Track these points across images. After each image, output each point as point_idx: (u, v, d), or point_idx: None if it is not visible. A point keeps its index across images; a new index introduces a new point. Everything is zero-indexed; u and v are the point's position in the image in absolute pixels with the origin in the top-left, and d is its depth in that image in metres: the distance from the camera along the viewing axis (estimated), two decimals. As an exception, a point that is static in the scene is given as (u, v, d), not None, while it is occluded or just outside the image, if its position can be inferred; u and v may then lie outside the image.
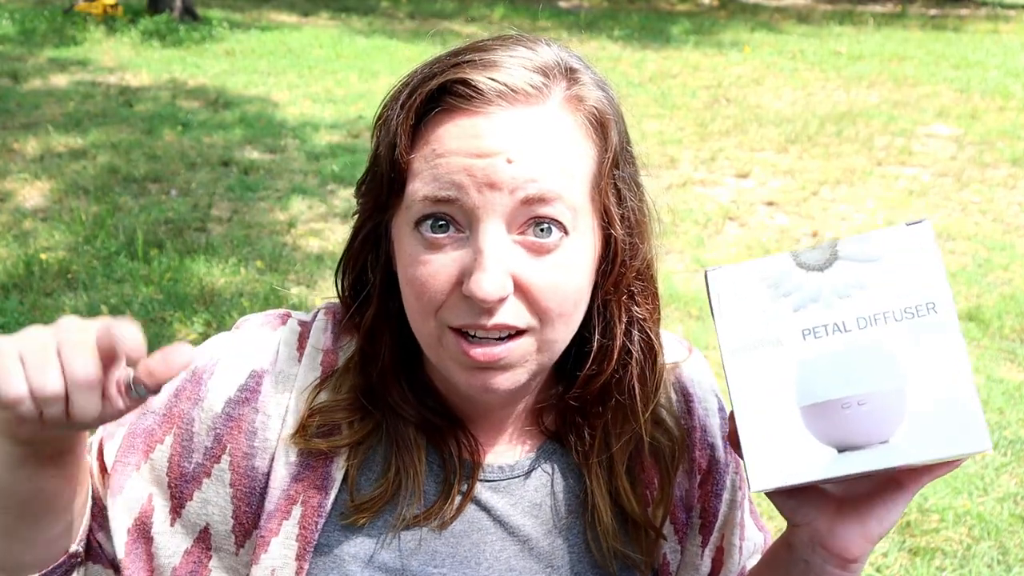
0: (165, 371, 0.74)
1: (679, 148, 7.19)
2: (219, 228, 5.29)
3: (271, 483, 0.92)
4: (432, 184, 0.81)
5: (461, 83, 0.81)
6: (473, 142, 0.80)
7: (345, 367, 0.94)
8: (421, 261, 0.83)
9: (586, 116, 0.86)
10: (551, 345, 0.87)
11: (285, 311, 1.00)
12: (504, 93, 0.81)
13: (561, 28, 12.65)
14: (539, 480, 0.98)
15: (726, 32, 12.71)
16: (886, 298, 0.80)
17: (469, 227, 0.82)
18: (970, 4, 16.73)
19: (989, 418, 3.64)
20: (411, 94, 0.84)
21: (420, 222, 0.83)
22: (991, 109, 8.43)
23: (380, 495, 0.92)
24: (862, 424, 0.78)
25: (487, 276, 0.80)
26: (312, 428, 0.92)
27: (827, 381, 0.80)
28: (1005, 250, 5.33)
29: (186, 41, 10.73)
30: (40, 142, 6.70)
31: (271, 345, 0.96)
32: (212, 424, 0.93)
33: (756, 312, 0.82)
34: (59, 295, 4.31)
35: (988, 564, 2.86)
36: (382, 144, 0.87)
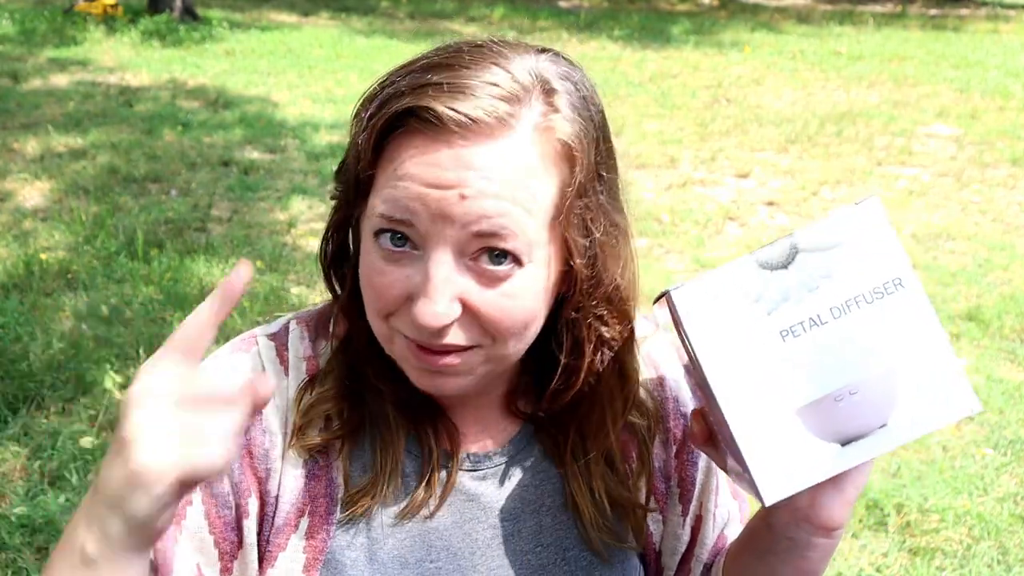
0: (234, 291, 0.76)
1: (679, 148, 7.19)
2: (219, 228, 5.29)
3: (280, 499, 0.92)
4: (389, 204, 0.81)
5: (424, 109, 0.79)
6: (430, 171, 0.79)
7: (328, 366, 0.94)
8: (377, 270, 0.84)
9: (553, 147, 0.83)
10: (503, 358, 0.88)
11: (249, 334, 0.98)
12: (466, 125, 0.78)
13: (561, 28, 12.65)
14: (522, 465, 0.99)
15: (726, 32, 12.71)
16: (853, 283, 0.80)
17: (424, 248, 0.82)
18: (970, 4, 16.72)
19: (989, 418, 3.64)
20: (379, 109, 0.83)
21: (379, 234, 0.83)
22: (991, 109, 8.43)
23: (372, 481, 0.93)
24: (858, 413, 0.79)
25: (430, 306, 0.80)
26: (307, 429, 0.92)
27: (815, 378, 0.79)
28: (1005, 250, 5.33)
29: (186, 41, 10.73)
30: (40, 142, 6.70)
31: (254, 365, 0.95)
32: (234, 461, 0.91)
33: (729, 323, 0.80)
34: (59, 295, 4.31)
35: (988, 564, 2.86)
36: (350, 150, 0.87)
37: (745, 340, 0.80)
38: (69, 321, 4.06)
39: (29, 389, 3.47)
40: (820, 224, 0.81)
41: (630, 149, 7.15)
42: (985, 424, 3.60)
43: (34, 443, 3.18)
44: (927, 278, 4.90)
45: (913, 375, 0.79)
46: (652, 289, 4.56)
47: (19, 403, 3.40)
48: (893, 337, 0.79)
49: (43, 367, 3.61)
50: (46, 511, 2.81)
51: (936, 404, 0.78)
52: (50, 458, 3.09)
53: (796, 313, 0.80)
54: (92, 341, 3.85)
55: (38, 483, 2.98)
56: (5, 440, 3.18)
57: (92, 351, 3.76)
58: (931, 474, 3.26)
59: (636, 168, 6.73)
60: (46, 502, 2.86)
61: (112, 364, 3.67)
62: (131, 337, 3.89)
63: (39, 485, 2.97)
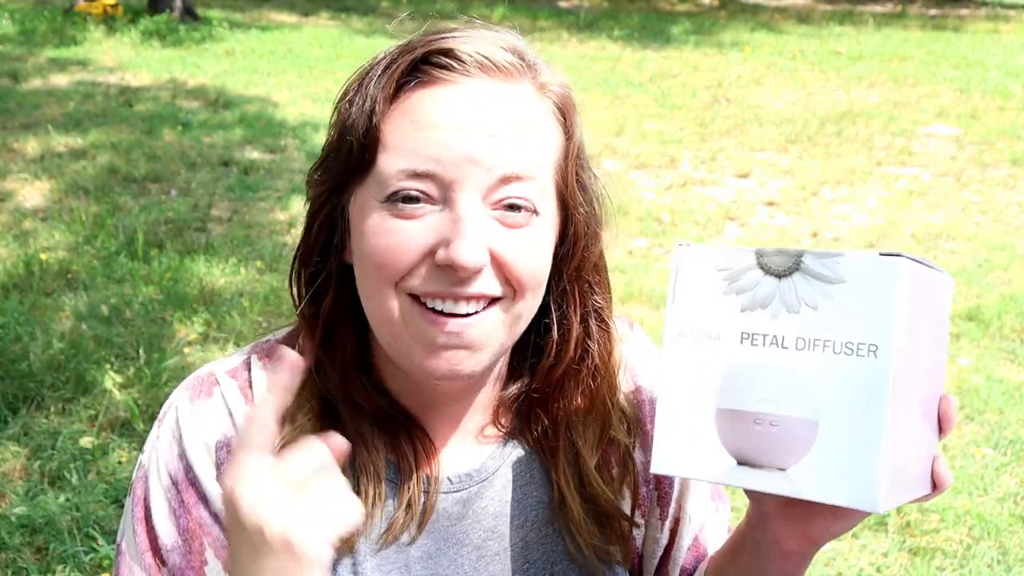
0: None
1: (679, 148, 7.19)
2: (219, 228, 5.29)
3: None
4: (409, 157, 0.81)
5: (443, 53, 0.82)
6: (454, 114, 0.81)
7: (298, 399, 0.90)
8: (388, 229, 0.82)
9: (553, 103, 0.88)
10: (517, 320, 0.88)
11: (207, 372, 0.95)
12: (485, 65, 0.82)
13: (561, 28, 12.65)
14: (503, 481, 0.97)
15: (726, 32, 12.71)
16: (832, 326, 0.76)
17: (443, 200, 0.82)
18: (970, 4, 16.72)
19: (989, 418, 3.64)
20: (390, 64, 0.83)
21: (391, 196, 0.82)
22: (991, 109, 8.43)
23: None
24: (767, 445, 0.77)
25: (468, 243, 0.80)
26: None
27: (749, 390, 0.78)
28: (1005, 250, 5.33)
29: (186, 41, 10.73)
30: (40, 142, 6.70)
31: (220, 411, 0.91)
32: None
33: (706, 301, 0.80)
34: (59, 295, 4.31)
35: (988, 564, 2.86)
36: (353, 115, 0.85)
37: (710, 323, 0.80)
38: (69, 321, 4.06)
39: (29, 389, 3.47)
40: (836, 255, 0.77)
41: (630, 149, 7.15)
42: (985, 424, 3.60)
43: (34, 443, 3.18)
44: (927, 278, 4.90)
45: (836, 442, 0.75)
46: (652, 288, 4.56)
47: (19, 403, 3.40)
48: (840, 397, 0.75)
49: (43, 367, 3.61)
50: (46, 511, 2.81)
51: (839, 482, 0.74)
52: (50, 458, 3.09)
53: (765, 324, 0.78)
54: (92, 341, 3.85)
55: (38, 483, 2.98)
56: (5, 440, 3.18)
57: (92, 351, 3.76)
58: (931, 474, 3.26)
59: (636, 168, 6.73)
60: (46, 502, 2.86)
61: (112, 364, 3.67)
62: (131, 337, 3.89)
63: (39, 485, 2.97)
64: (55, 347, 3.76)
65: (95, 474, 3.02)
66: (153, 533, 0.89)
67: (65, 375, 3.57)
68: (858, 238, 5.49)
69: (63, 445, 3.14)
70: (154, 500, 0.90)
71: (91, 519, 2.79)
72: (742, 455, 0.78)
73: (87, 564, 2.64)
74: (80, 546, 2.69)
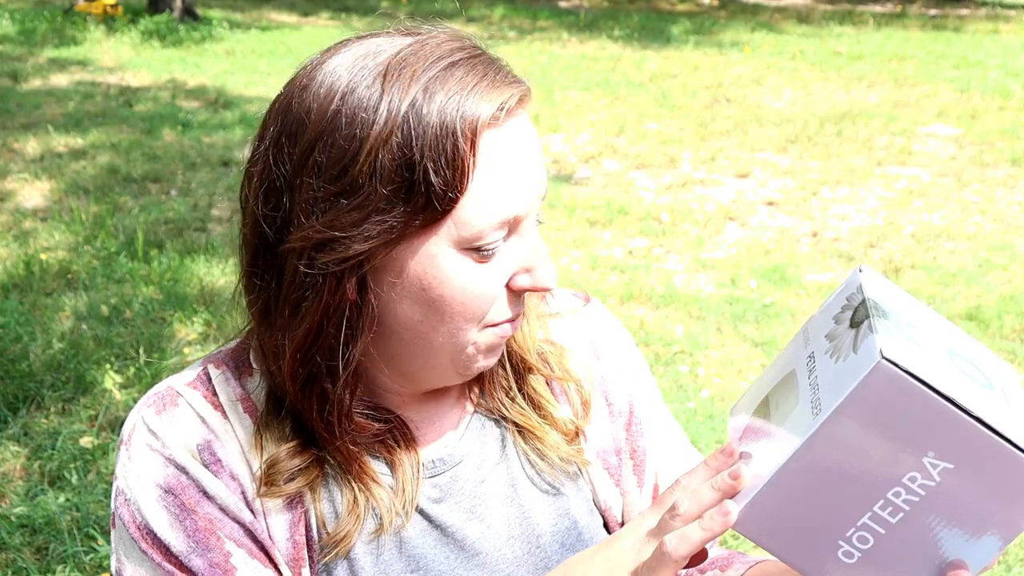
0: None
1: (679, 148, 7.19)
2: (219, 228, 5.29)
3: (275, 536, 0.89)
4: (499, 205, 0.80)
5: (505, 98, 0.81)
6: (525, 152, 0.83)
7: (268, 407, 0.90)
8: (475, 278, 0.82)
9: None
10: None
11: (163, 388, 0.92)
12: (527, 96, 0.84)
13: (561, 28, 12.64)
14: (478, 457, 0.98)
15: (726, 32, 12.71)
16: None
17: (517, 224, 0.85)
18: (970, 4, 16.72)
19: (989, 418, 3.64)
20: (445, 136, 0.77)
21: (481, 246, 0.81)
22: (991, 109, 8.43)
23: (350, 525, 0.90)
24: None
25: (551, 268, 0.86)
26: (276, 477, 0.88)
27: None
28: (1005, 250, 5.33)
29: (186, 41, 10.73)
30: (40, 142, 6.70)
31: (191, 417, 0.89)
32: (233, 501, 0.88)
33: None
34: (59, 295, 4.31)
35: (988, 564, 2.86)
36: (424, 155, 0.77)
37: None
38: (69, 321, 4.06)
39: (29, 389, 3.47)
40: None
41: (630, 149, 7.15)
42: (985, 424, 3.60)
43: (34, 443, 3.18)
44: (927, 278, 4.90)
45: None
46: (652, 288, 4.56)
47: (19, 403, 3.40)
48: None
49: (43, 367, 3.61)
50: (46, 511, 2.81)
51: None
52: (50, 458, 3.09)
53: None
54: (92, 341, 3.85)
55: (38, 483, 2.98)
56: (5, 440, 3.18)
57: (92, 351, 3.76)
58: (931, 474, 3.26)
59: (636, 168, 6.73)
60: (46, 502, 2.86)
61: (112, 364, 3.67)
62: (131, 337, 3.89)
63: (39, 485, 2.97)
64: (55, 347, 3.76)
65: (95, 474, 3.02)
66: (163, 546, 0.86)
67: (65, 375, 3.57)
68: (858, 238, 5.49)
69: (63, 445, 3.14)
70: (149, 515, 0.86)
71: (91, 519, 2.79)
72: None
73: (87, 564, 2.64)
74: (80, 546, 2.69)
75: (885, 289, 0.76)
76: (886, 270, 5.01)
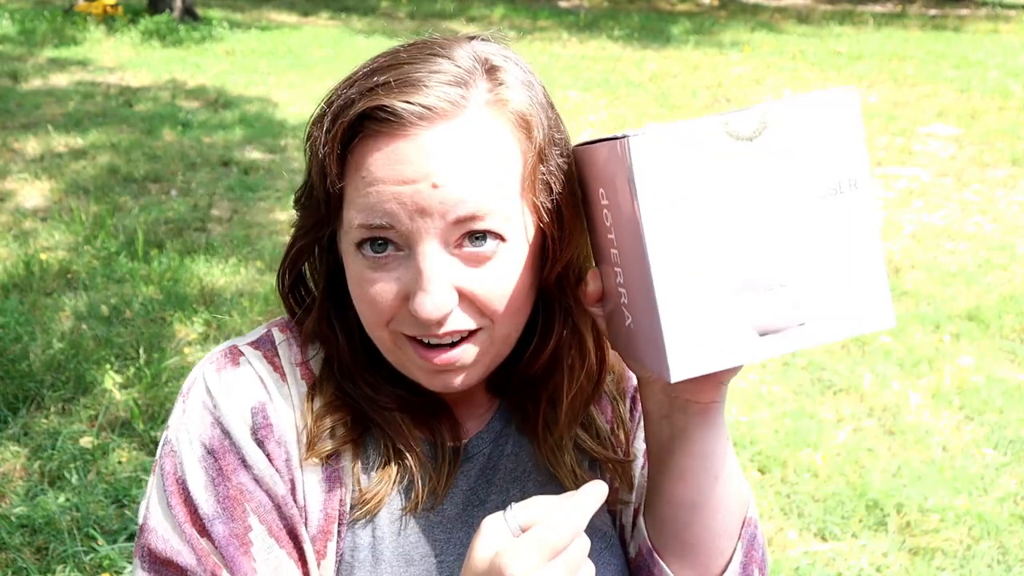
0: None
1: (679, 148, 7.19)
2: (219, 228, 5.29)
3: (308, 508, 0.92)
4: (366, 212, 0.82)
5: (379, 109, 0.81)
6: (398, 168, 0.81)
7: (322, 372, 0.95)
8: (367, 279, 0.85)
9: (509, 118, 0.85)
10: (504, 339, 0.89)
11: (227, 346, 0.96)
12: (422, 114, 0.80)
13: (561, 28, 12.65)
14: (510, 441, 1.01)
15: (726, 32, 12.71)
16: (813, 172, 0.77)
17: (408, 246, 0.83)
18: (970, 4, 16.72)
19: (989, 418, 3.64)
20: (333, 122, 0.84)
21: (360, 245, 0.84)
22: (991, 109, 8.43)
23: (382, 487, 0.93)
24: (783, 306, 0.77)
25: (429, 298, 0.82)
26: (318, 438, 0.92)
27: (753, 261, 0.76)
28: (1005, 250, 5.33)
29: (186, 41, 10.73)
30: (40, 142, 6.70)
31: (250, 378, 0.92)
32: (270, 473, 0.90)
33: (682, 178, 0.75)
34: (59, 295, 4.31)
35: (988, 564, 2.86)
36: (314, 169, 0.87)
37: (695, 206, 0.75)
38: (69, 321, 4.06)
39: (29, 389, 3.47)
40: (792, 103, 0.77)
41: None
42: (985, 424, 3.60)
43: (34, 443, 3.17)
44: (927, 278, 4.90)
45: (843, 279, 0.78)
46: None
47: (19, 403, 3.40)
48: (836, 237, 0.77)
49: (43, 367, 3.61)
50: (46, 511, 2.81)
51: (856, 313, 0.78)
52: (50, 458, 3.09)
53: (751, 190, 0.75)
54: (92, 341, 3.85)
55: (38, 483, 2.98)
56: (5, 440, 3.18)
57: (92, 351, 3.76)
58: (931, 474, 3.25)
59: (636, 168, 6.73)
60: (46, 502, 2.86)
61: (112, 364, 3.67)
62: (131, 337, 3.89)
63: (39, 485, 2.97)
64: (55, 347, 3.76)
65: (95, 474, 3.02)
66: (191, 504, 0.88)
67: (65, 375, 3.57)
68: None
69: (63, 445, 3.14)
70: (189, 471, 0.89)
71: (91, 519, 2.79)
72: (762, 326, 0.77)
73: (87, 564, 2.64)
74: (80, 546, 2.69)
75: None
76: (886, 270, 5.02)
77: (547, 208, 0.87)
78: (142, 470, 3.03)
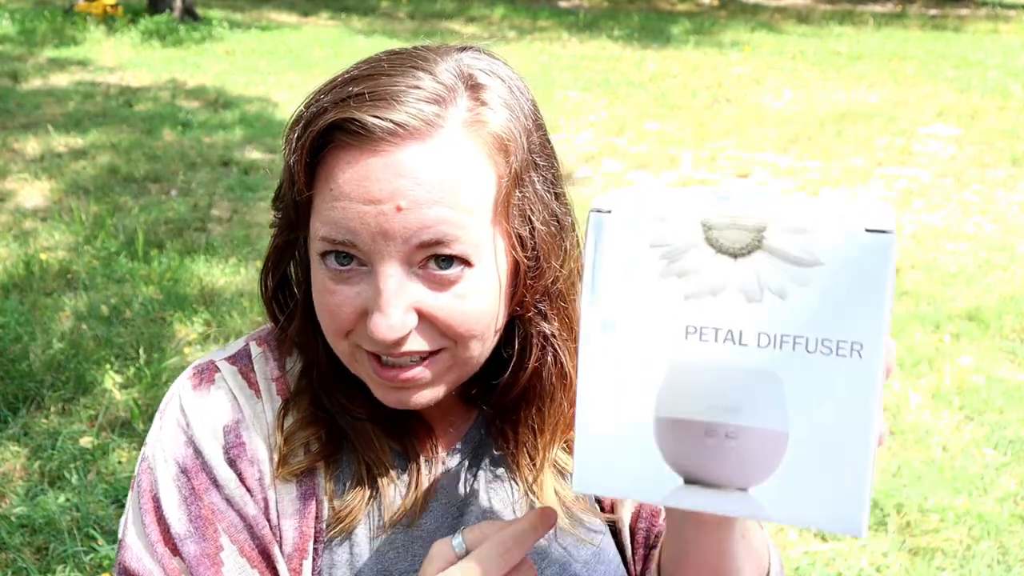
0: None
1: (679, 148, 7.19)
2: (219, 228, 5.29)
3: (282, 527, 0.91)
4: (330, 226, 0.80)
5: (349, 121, 0.78)
6: (364, 186, 0.78)
7: (298, 387, 0.93)
8: (329, 290, 0.83)
9: (487, 140, 0.81)
10: (468, 360, 0.86)
11: (205, 361, 0.95)
12: (393, 131, 0.77)
13: (561, 28, 12.65)
14: (488, 456, 0.98)
15: (726, 32, 12.71)
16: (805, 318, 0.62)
17: (371, 263, 0.81)
18: (970, 4, 16.72)
19: (989, 418, 3.64)
20: (304, 129, 0.81)
21: (324, 255, 0.82)
22: (991, 109, 8.43)
23: (357, 503, 0.91)
24: (723, 461, 0.64)
25: (384, 320, 0.79)
26: (290, 455, 0.91)
27: (698, 397, 0.65)
28: (1005, 250, 5.33)
29: (186, 41, 10.73)
30: (40, 142, 6.70)
31: (224, 397, 0.92)
32: (240, 493, 0.90)
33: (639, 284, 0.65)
34: (59, 295, 4.31)
35: (988, 564, 2.86)
36: (284, 174, 0.86)
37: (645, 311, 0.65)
38: (69, 321, 4.06)
39: (29, 389, 3.47)
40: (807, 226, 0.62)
41: (630, 149, 7.15)
42: (985, 424, 3.60)
43: (34, 443, 3.17)
44: (927, 278, 4.90)
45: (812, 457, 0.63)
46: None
47: (19, 403, 3.40)
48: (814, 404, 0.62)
49: (43, 367, 3.61)
50: (46, 511, 2.81)
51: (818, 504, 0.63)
52: (50, 458, 3.09)
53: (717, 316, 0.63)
54: (92, 341, 3.85)
55: (38, 483, 2.98)
56: (5, 440, 3.18)
57: (92, 351, 3.76)
58: (931, 474, 3.25)
59: (636, 168, 6.73)
60: (46, 502, 2.86)
61: (112, 364, 3.67)
62: (131, 337, 3.89)
63: (39, 485, 2.97)
64: (55, 347, 3.76)
65: (95, 474, 3.02)
66: (164, 523, 0.89)
67: (65, 375, 3.57)
68: (858, 238, 5.49)
69: (63, 445, 3.14)
70: (163, 490, 0.89)
71: (91, 519, 2.79)
72: (692, 473, 0.65)
73: (87, 564, 2.64)
74: (80, 546, 2.69)
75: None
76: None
77: (519, 235, 0.83)
78: (142, 470, 3.03)
